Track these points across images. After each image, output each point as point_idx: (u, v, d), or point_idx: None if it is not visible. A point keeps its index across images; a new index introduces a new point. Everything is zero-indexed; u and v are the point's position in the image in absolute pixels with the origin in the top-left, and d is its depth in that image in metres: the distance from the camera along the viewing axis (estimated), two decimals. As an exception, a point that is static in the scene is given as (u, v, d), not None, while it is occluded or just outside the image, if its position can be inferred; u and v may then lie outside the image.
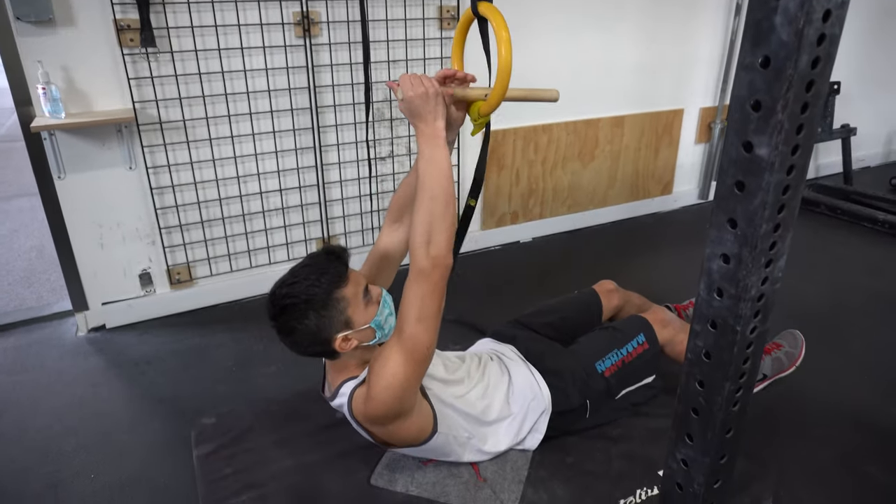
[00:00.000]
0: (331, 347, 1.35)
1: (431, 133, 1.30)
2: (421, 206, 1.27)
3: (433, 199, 1.27)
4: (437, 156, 1.29)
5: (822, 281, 2.80)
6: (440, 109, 1.30)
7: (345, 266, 1.37)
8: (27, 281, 2.92)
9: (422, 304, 1.28)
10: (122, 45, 2.15)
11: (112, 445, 1.87)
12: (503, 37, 1.27)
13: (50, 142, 2.18)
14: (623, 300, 2.01)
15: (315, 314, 1.31)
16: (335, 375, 1.47)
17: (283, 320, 1.33)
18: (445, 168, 1.29)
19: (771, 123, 0.76)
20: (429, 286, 1.27)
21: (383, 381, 1.31)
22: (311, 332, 1.32)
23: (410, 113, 1.30)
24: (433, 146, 1.29)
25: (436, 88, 1.29)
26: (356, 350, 1.39)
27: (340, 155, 2.69)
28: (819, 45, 0.72)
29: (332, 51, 2.50)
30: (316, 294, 1.31)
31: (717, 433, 0.96)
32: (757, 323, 0.89)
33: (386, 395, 1.32)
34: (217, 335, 2.45)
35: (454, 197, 1.31)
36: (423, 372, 1.36)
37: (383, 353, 1.34)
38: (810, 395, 2.01)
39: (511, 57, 1.27)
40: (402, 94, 1.29)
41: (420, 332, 1.29)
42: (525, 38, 2.88)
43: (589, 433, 1.72)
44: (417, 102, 1.28)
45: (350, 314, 1.35)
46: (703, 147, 3.73)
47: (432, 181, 1.28)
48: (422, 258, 1.26)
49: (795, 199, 0.83)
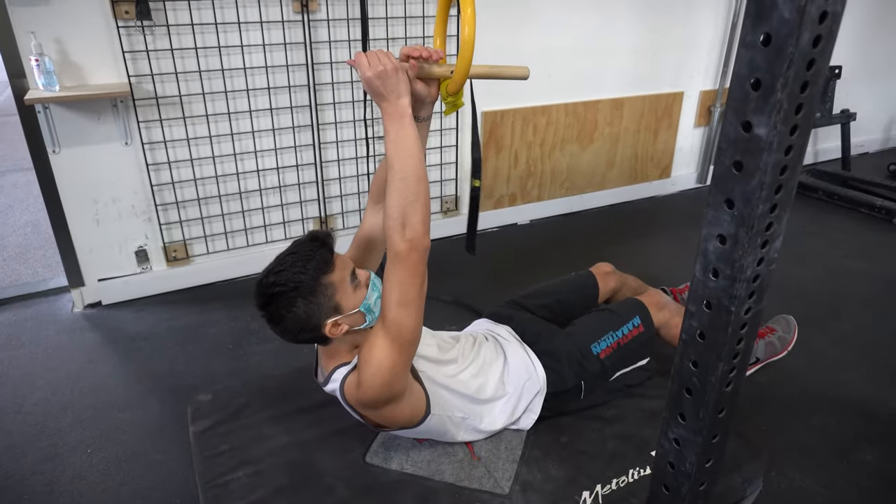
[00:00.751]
0: (321, 333, 1.35)
1: (395, 112, 1.25)
2: (392, 188, 1.24)
3: (403, 179, 1.23)
4: (403, 135, 1.24)
5: (819, 266, 2.81)
6: (403, 87, 1.25)
7: (330, 251, 1.36)
8: (22, 257, 2.91)
9: (401, 288, 1.26)
10: (116, 18, 2.12)
11: (109, 421, 1.88)
12: (467, 14, 1.24)
13: (44, 115, 2.16)
14: (620, 283, 2.01)
15: (303, 301, 1.30)
16: (327, 361, 1.47)
17: (271, 309, 1.33)
18: (413, 146, 1.25)
19: (770, 102, 0.75)
20: (407, 269, 1.25)
21: (371, 367, 1.31)
22: (300, 319, 1.32)
23: (372, 92, 1.26)
24: (399, 125, 1.25)
25: (395, 65, 1.24)
26: (347, 335, 1.39)
27: (338, 134, 2.67)
28: (821, 22, 0.71)
29: (330, 27, 2.47)
30: (303, 281, 1.30)
31: (710, 413, 0.96)
32: (752, 304, 0.89)
33: (375, 381, 1.31)
34: (213, 313, 2.45)
35: (425, 176, 1.27)
36: (410, 356, 1.35)
37: (369, 340, 1.33)
38: (803, 379, 2.03)
39: (473, 34, 1.24)
40: (360, 74, 1.24)
41: (403, 317, 1.28)
42: (524, 18, 2.85)
43: (583, 414, 1.73)
44: (377, 81, 1.23)
45: (338, 299, 1.34)
46: (702, 130, 3.72)
47: (401, 162, 1.24)
48: (398, 241, 1.24)
49: (793, 179, 0.83)
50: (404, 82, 1.26)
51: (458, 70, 1.29)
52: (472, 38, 1.23)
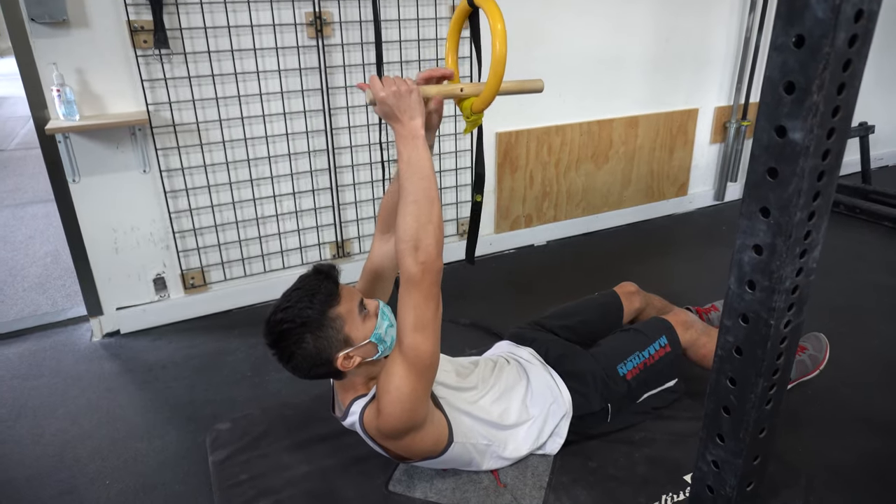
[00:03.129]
0: (333, 367, 1.33)
1: (408, 133, 1.24)
2: (405, 210, 1.22)
3: (416, 202, 1.22)
4: (416, 157, 1.23)
5: (844, 280, 2.74)
6: (417, 108, 1.24)
7: (335, 284, 1.34)
8: (42, 287, 2.93)
9: (416, 312, 1.24)
10: (135, 47, 2.15)
11: (127, 451, 1.86)
12: (498, 29, 1.23)
13: (64, 144, 2.18)
14: (644, 302, 1.97)
15: (312, 336, 1.29)
16: (344, 395, 1.44)
17: (281, 346, 1.32)
18: (427, 169, 1.23)
19: (805, 105, 0.73)
20: (421, 293, 1.23)
21: (390, 395, 1.28)
22: (310, 354, 1.30)
23: (385, 114, 1.25)
24: (412, 147, 1.24)
25: (409, 86, 1.24)
26: (360, 367, 1.37)
27: (354, 157, 2.67)
28: (857, 21, 0.69)
29: (344, 52, 2.49)
30: (310, 315, 1.29)
31: (751, 433, 0.92)
32: (791, 316, 0.86)
33: (395, 409, 1.29)
34: (231, 340, 2.43)
35: (438, 198, 1.26)
36: (429, 381, 1.32)
37: (387, 368, 1.31)
38: (835, 398, 1.96)
39: (506, 50, 1.23)
40: (373, 95, 1.23)
41: (419, 341, 1.25)
42: (536, 37, 2.86)
43: (611, 437, 1.68)
44: (391, 101, 1.22)
45: (348, 331, 1.32)
46: (718, 147, 3.68)
47: (414, 184, 1.22)
48: (410, 265, 1.22)
49: (831, 185, 0.80)
50: (418, 104, 1.25)
51: (489, 88, 1.27)
52: (504, 56, 1.22)
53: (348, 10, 2.44)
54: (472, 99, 1.33)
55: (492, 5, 1.25)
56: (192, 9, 2.20)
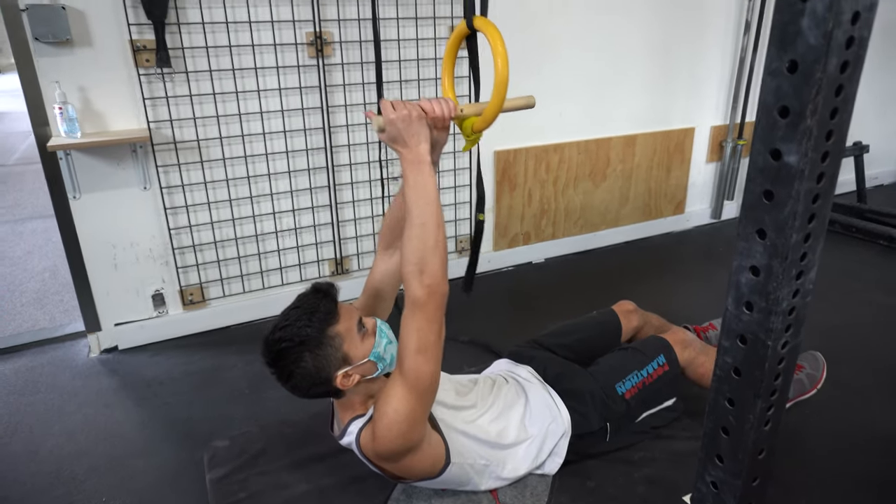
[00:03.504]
0: (332, 386, 1.33)
1: (414, 158, 1.25)
2: (410, 234, 1.24)
3: (423, 225, 1.23)
4: (422, 181, 1.25)
5: (840, 300, 2.75)
6: (423, 132, 1.26)
7: (334, 302, 1.35)
8: (40, 302, 2.93)
9: (419, 335, 1.24)
10: (137, 66, 2.17)
11: (124, 468, 1.85)
12: (500, 51, 1.25)
13: (66, 161, 2.19)
14: (642, 321, 1.97)
15: (310, 354, 1.29)
16: (343, 413, 1.44)
17: (280, 365, 1.32)
18: (432, 193, 1.25)
19: (800, 129, 0.74)
20: (425, 316, 1.23)
21: (388, 417, 1.28)
22: (309, 373, 1.30)
23: (393, 139, 1.26)
24: (417, 171, 1.25)
25: (418, 112, 1.26)
26: (359, 385, 1.37)
27: (353, 175, 2.69)
28: (848, 48, 0.71)
29: (344, 71, 2.52)
30: (308, 334, 1.29)
31: (749, 453, 0.92)
32: (788, 337, 0.87)
33: (392, 432, 1.29)
34: (229, 357, 2.43)
35: (443, 222, 1.27)
36: (428, 403, 1.32)
37: (386, 389, 1.31)
38: (834, 418, 1.96)
39: (508, 71, 1.25)
40: (384, 118, 1.24)
41: (421, 364, 1.26)
42: (534, 57, 2.89)
43: (610, 456, 1.68)
44: (400, 124, 1.24)
45: (346, 350, 1.33)
46: (714, 166, 3.71)
47: (420, 208, 1.23)
48: (416, 288, 1.22)
49: (826, 208, 0.81)
50: (426, 129, 1.27)
51: (491, 108, 1.29)
52: (506, 76, 1.24)
53: (348, 30, 2.47)
54: (472, 119, 1.35)
55: (492, 28, 1.27)
56: (194, 28, 2.22)
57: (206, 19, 2.23)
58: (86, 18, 2.08)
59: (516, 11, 2.77)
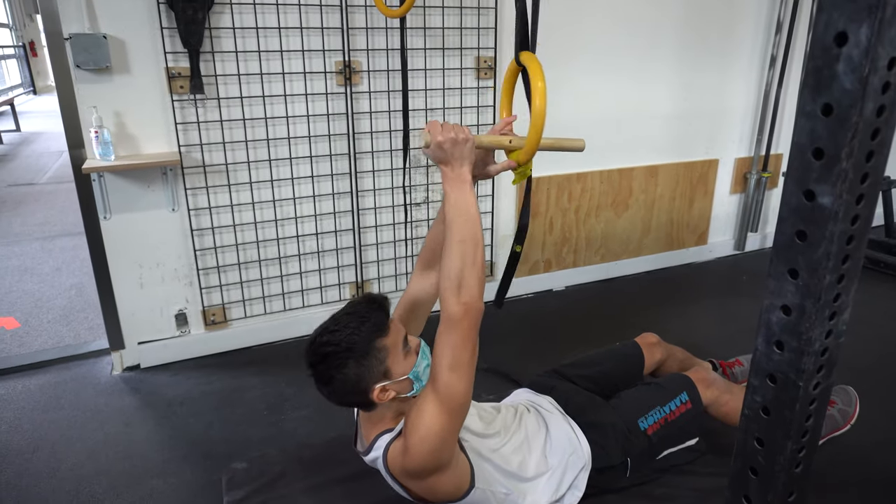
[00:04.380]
0: (368, 398, 1.33)
1: (457, 177, 1.28)
2: (450, 251, 1.25)
3: (462, 242, 1.25)
4: (462, 200, 1.27)
5: (870, 336, 2.70)
6: (468, 156, 1.29)
7: (386, 315, 1.35)
8: (66, 319, 2.98)
9: (454, 352, 1.25)
10: (172, 92, 2.23)
11: (143, 488, 1.86)
12: (538, 87, 1.28)
13: (98, 183, 2.25)
14: (666, 354, 1.95)
15: (355, 363, 1.29)
16: (370, 428, 1.43)
17: (321, 368, 1.31)
18: (473, 212, 1.27)
19: (834, 172, 0.74)
20: (460, 333, 1.24)
21: (419, 432, 1.27)
22: (349, 381, 1.30)
23: (438, 158, 1.29)
24: (459, 190, 1.28)
25: (466, 135, 1.28)
26: (393, 402, 1.36)
27: (377, 200, 2.72)
28: (884, 93, 0.71)
29: (371, 99, 2.57)
30: (356, 342, 1.29)
31: (779, 496, 0.90)
32: (820, 378, 0.85)
33: (423, 448, 1.28)
34: (249, 378, 2.44)
35: (482, 241, 1.29)
36: (460, 422, 1.32)
37: (418, 405, 1.30)
38: (865, 458, 1.91)
39: (545, 107, 1.27)
40: (431, 138, 1.28)
41: (454, 381, 1.26)
42: (558, 86, 2.92)
43: (630, 492, 1.65)
44: (448, 147, 1.27)
45: (389, 364, 1.33)
46: (738, 197, 3.69)
47: (459, 225, 1.26)
48: (453, 305, 1.23)
49: (860, 249, 0.80)
50: (470, 152, 1.30)
51: (528, 143, 1.32)
52: (543, 111, 1.27)
53: (376, 59, 2.52)
54: (517, 151, 1.38)
55: (534, 65, 1.31)
56: (227, 57, 2.29)
57: (240, 48, 2.29)
58: (125, 47, 2.15)
59: (540, 44, 2.80)
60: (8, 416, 2.21)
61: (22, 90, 11.11)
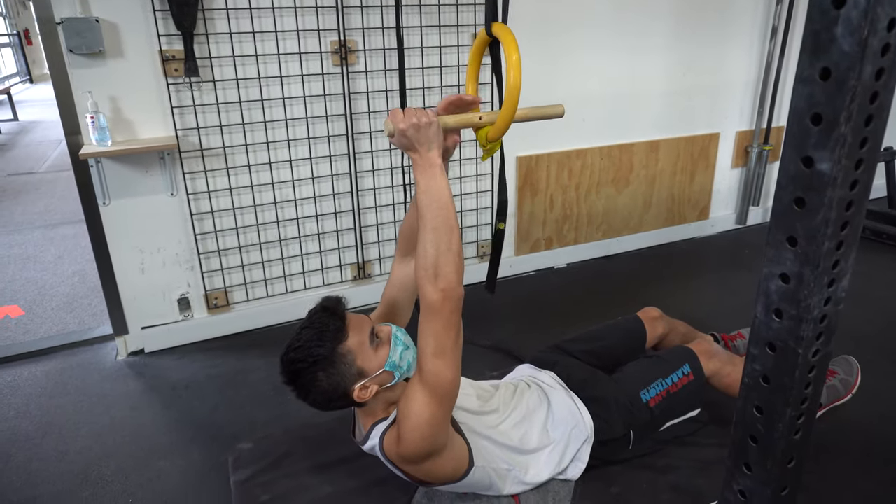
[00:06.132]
0: (351, 399, 1.35)
1: (425, 162, 1.25)
2: (424, 238, 1.23)
3: (435, 229, 1.23)
4: (433, 185, 1.24)
5: (871, 306, 2.70)
6: (435, 139, 1.25)
7: (341, 320, 1.35)
8: (70, 306, 2.99)
9: (436, 339, 1.24)
10: (166, 75, 2.22)
11: (150, 470, 1.88)
12: (513, 60, 1.23)
13: (96, 169, 2.24)
14: (668, 328, 1.95)
15: (324, 373, 1.31)
16: (364, 419, 1.45)
17: (297, 384, 1.34)
18: (445, 197, 1.25)
19: (833, 137, 0.73)
20: (441, 320, 1.23)
21: (410, 421, 1.29)
22: (325, 390, 1.32)
23: (403, 145, 1.26)
24: (429, 176, 1.25)
25: (428, 118, 1.25)
26: (379, 395, 1.38)
27: (376, 181, 2.71)
28: (883, 55, 0.70)
29: (368, 78, 2.54)
30: (320, 354, 1.30)
31: (778, 462, 0.91)
32: (819, 346, 0.85)
33: (415, 435, 1.29)
34: (253, 360, 2.46)
35: (458, 226, 1.27)
36: (449, 407, 1.32)
37: (407, 393, 1.31)
38: (866, 426, 1.92)
39: (520, 80, 1.23)
40: (393, 127, 1.24)
41: (440, 368, 1.25)
42: (556, 62, 2.89)
43: (633, 463, 1.66)
44: (411, 133, 1.23)
45: (360, 364, 1.33)
46: (739, 171, 3.67)
47: (432, 212, 1.23)
48: (431, 293, 1.22)
49: (859, 216, 0.80)
50: (436, 135, 1.26)
51: (502, 117, 1.28)
52: (518, 85, 1.24)
53: (372, 38, 2.50)
54: (486, 128, 1.35)
55: (508, 36, 1.27)
56: (221, 39, 2.26)
57: (234, 29, 2.27)
58: (118, 30, 2.13)
59: (538, 17, 2.78)
60: (16, 402, 2.23)
61: (18, 79, 11.04)
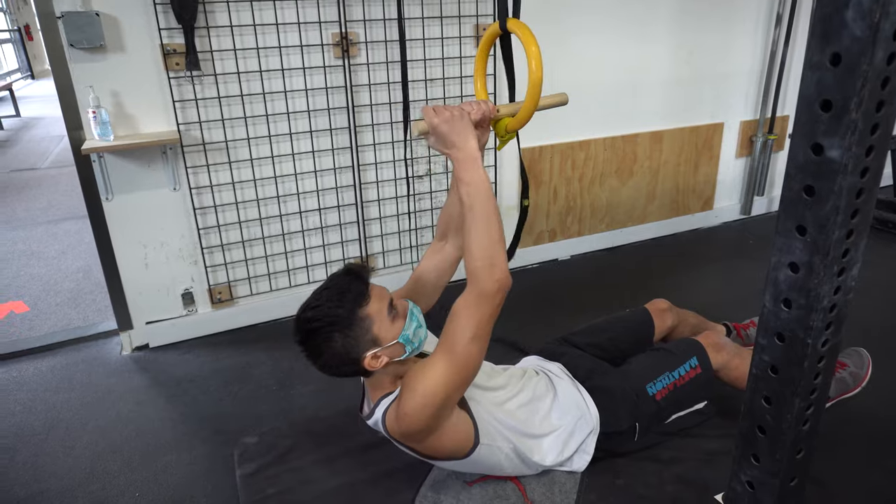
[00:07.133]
0: (361, 366, 1.34)
1: (466, 156, 1.27)
2: (476, 230, 1.26)
3: (487, 219, 1.26)
4: (478, 178, 1.27)
5: (880, 296, 2.68)
6: (470, 131, 1.28)
7: (365, 284, 1.35)
8: (74, 301, 2.99)
9: (479, 324, 1.27)
10: (168, 69, 2.21)
11: (156, 464, 1.88)
12: (533, 52, 1.25)
13: (99, 164, 2.24)
14: (677, 319, 1.93)
15: (340, 335, 1.30)
16: (373, 392, 1.45)
17: (310, 344, 1.33)
18: (488, 188, 1.28)
19: (843, 123, 0.72)
20: (490, 308, 1.27)
21: (421, 397, 1.29)
22: (338, 353, 1.32)
23: (441, 141, 1.28)
24: (473, 169, 1.27)
25: (461, 111, 1.27)
26: (388, 366, 1.38)
27: (378, 174, 2.70)
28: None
29: (370, 71, 2.53)
30: (339, 314, 1.30)
31: (787, 453, 0.90)
32: (829, 335, 0.85)
33: (422, 412, 1.30)
34: (257, 354, 2.46)
35: (500, 214, 1.30)
36: (465, 389, 1.35)
37: (424, 370, 1.31)
38: (876, 418, 1.91)
39: (542, 72, 1.25)
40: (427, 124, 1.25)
41: (474, 351, 1.29)
42: (558, 53, 2.87)
43: (638, 455, 1.66)
44: (445, 127, 1.25)
45: (376, 332, 1.33)
46: (744, 161, 3.65)
47: (481, 204, 1.26)
48: (486, 281, 1.26)
49: (870, 203, 0.79)
50: (470, 126, 1.28)
51: (526, 109, 1.30)
52: (540, 77, 1.24)
53: (374, 30, 2.48)
54: (506, 119, 1.35)
55: (526, 31, 1.28)
56: (222, 32, 2.25)
57: (234, 22, 2.26)
58: (118, 24, 2.12)
59: (541, 6, 2.75)
60: (22, 397, 2.24)
61: (20, 75, 11.04)
